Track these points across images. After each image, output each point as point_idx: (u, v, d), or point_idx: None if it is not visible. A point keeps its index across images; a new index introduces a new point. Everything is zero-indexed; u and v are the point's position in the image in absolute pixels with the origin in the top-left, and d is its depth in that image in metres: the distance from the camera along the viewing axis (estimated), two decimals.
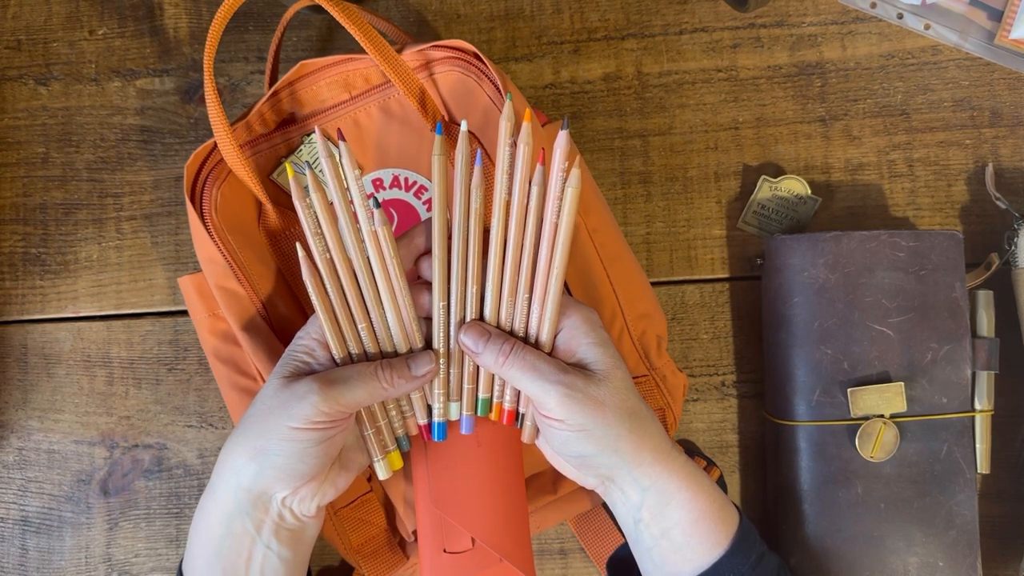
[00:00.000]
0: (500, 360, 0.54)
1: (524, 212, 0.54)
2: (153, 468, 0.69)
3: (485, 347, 0.54)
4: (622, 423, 0.53)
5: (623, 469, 0.53)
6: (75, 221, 0.70)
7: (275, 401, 0.52)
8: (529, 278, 0.55)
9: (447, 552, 0.58)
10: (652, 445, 0.54)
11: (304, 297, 0.62)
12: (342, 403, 0.52)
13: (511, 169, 0.54)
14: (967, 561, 0.63)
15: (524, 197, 0.54)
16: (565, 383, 0.52)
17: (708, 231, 0.70)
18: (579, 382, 0.53)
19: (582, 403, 0.52)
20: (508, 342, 0.54)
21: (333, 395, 0.52)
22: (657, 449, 0.54)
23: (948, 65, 0.70)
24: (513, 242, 0.55)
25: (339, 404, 0.52)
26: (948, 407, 0.64)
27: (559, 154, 0.53)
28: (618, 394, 0.53)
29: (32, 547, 0.69)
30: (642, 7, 0.71)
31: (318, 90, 0.61)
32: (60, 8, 0.71)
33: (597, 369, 0.54)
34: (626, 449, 0.53)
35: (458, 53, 0.61)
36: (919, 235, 0.64)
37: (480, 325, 0.55)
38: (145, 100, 0.71)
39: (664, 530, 0.54)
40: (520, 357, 0.54)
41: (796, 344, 0.64)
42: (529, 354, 0.54)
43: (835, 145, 0.70)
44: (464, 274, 0.55)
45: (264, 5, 0.71)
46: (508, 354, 0.54)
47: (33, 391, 0.70)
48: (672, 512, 0.54)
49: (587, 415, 0.52)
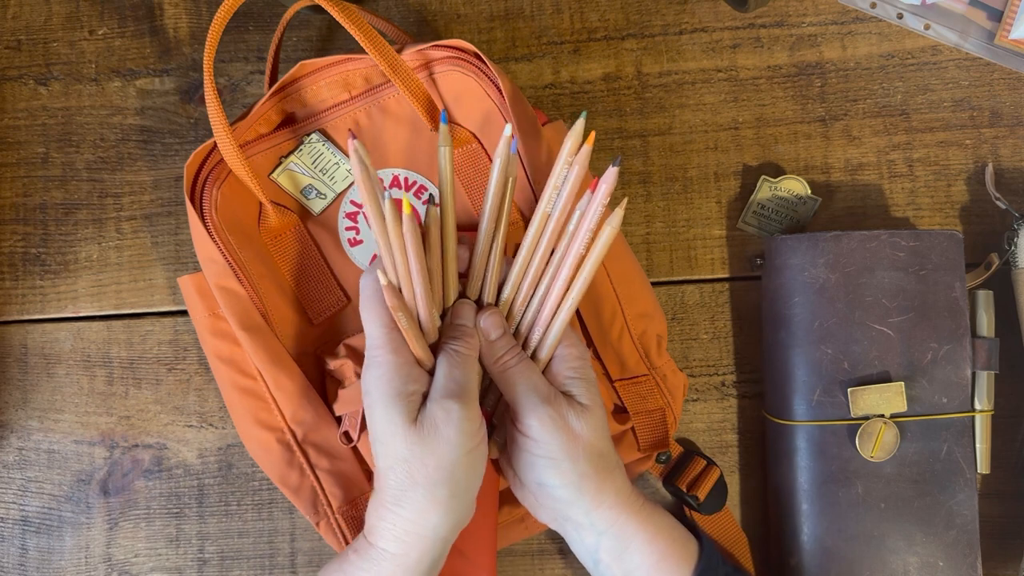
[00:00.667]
0: (507, 358, 0.54)
1: (560, 230, 0.55)
2: (153, 468, 0.69)
3: (501, 337, 0.54)
4: (590, 461, 0.53)
5: (580, 509, 0.54)
6: (75, 221, 0.70)
7: (426, 446, 0.51)
8: (544, 295, 0.56)
9: None
10: (614, 489, 0.54)
11: (304, 297, 0.62)
12: (475, 399, 0.53)
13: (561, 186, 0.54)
14: (967, 561, 0.63)
15: (564, 215, 0.55)
16: (553, 406, 0.53)
17: (708, 231, 0.70)
18: (565, 409, 0.53)
19: (561, 431, 0.52)
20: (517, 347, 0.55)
21: (467, 398, 0.52)
22: (618, 493, 0.54)
23: (948, 65, 0.70)
24: (540, 255, 0.55)
25: (475, 401, 0.53)
26: (948, 407, 0.64)
27: (603, 189, 0.53)
28: (594, 432, 0.54)
29: (32, 547, 0.69)
30: (642, 7, 0.71)
31: (318, 90, 0.61)
32: (60, 8, 0.71)
33: (581, 403, 0.54)
34: (587, 488, 0.53)
35: (458, 53, 0.61)
36: (919, 235, 0.64)
37: (500, 315, 0.56)
38: (145, 100, 0.71)
39: (626, 572, 0.55)
40: (526, 365, 0.54)
41: (796, 344, 0.64)
42: (532, 365, 0.55)
43: (835, 145, 0.70)
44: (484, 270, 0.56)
45: (264, 5, 0.71)
46: (517, 356, 0.54)
47: (33, 391, 0.70)
48: (632, 556, 0.54)
49: (561, 444, 0.52)
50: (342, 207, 0.62)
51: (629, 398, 0.64)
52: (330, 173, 0.62)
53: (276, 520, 0.69)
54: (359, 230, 0.63)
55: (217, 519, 0.69)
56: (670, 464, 0.67)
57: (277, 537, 0.69)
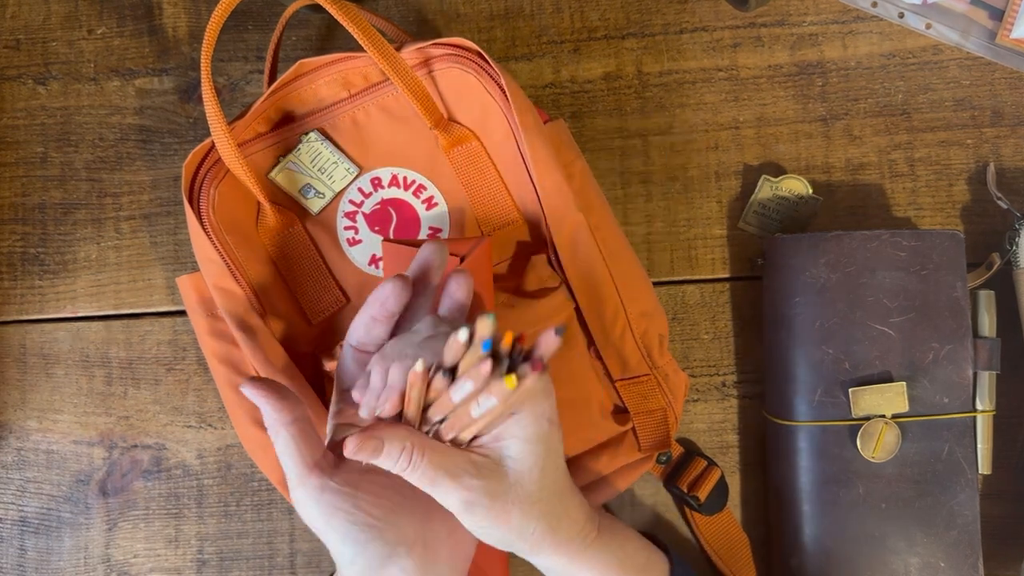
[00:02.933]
0: (402, 466, 0.47)
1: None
2: (152, 468, 0.69)
3: (383, 455, 0.47)
4: (524, 528, 0.49)
5: (530, 556, 0.52)
6: (74, 221, 0.70)
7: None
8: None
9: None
10: (554, 541, 0.51)
11: (302, 297, 0.62)
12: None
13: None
14: (968, 561, 0.63)
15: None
16: (465, 497, 0.48)
17: (709, 231, 0.70)
18: (479, 494, 0.48)
19: (482, 514, 0.48)
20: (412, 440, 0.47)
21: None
22: (566, 542, 0.51)
23: (949, 64, 0.70)
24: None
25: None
26: (949, 407, 0.63)
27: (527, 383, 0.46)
28: (527, 500, 0.49)
29: (31, 547, 0.69)
30: (642, 6, 0.71)
31: (317, 89, 0.61)
32: (59, 7, 0.71)
33: (511, 468, 0.48)
34: (529, 546, 0.50)
35: (458, 51, 0.60)
36: (920, 235, 0.64)
37: (362, 438, 0.46)
38: (144, 100, 0.71)
39: None
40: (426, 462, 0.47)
41: (797, 344, 0.64)
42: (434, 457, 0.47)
43: (836, 145, 0.70)
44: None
45: (263, 4, 0.71)
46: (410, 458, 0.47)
47: (32, 391, 0.70)
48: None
49: (489, 523, 0.49)
50: (341, 206, 0.62)
51: (630, 398, 0.63)
52: (329, 172, 0.62)
53: (275, 521, 0.68)
54: (358, 229, 0.62)
55: (216, 520, 0.69)
56: (671, 464, 0.67)
57: (276, 538, 0.68)
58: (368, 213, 0.62)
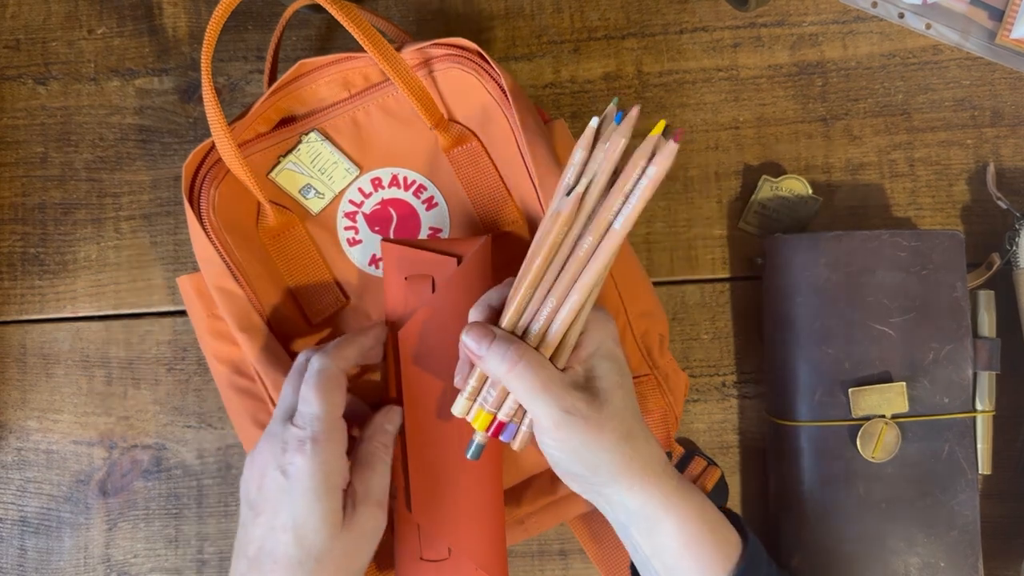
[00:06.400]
0: (504, 368, 0.50)
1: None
2: (152, 468, 0.69)
3: (488, 350, 0.51)
4: (615, 447, 0.51)
5: (611, 488, 0.52)
6: (74, 221, 0.70)
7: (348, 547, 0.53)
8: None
9: (423, 560, 0.57)
10: (642, 468, 0.52)
11: (302, 297, 0.62)
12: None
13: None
14: (968, 561, 0.63)
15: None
16: (566, 406, 0.50)
17: (709, 231, 0.70)
18: (581, 405, 0.50)
19: (580, 428, 0.50)
20: (515, 347, 0.50)
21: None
22: (647, 473, 0.52)
23: (949, 65, 0.70)
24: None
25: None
26: (949, 407, 0.63)
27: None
28: (616, 416, 0.51)
29: (31, 547, 0.69)
30: (642, 6, 0.71)
31: (317, 89, 0.61)
32: (59, 7, 0.71)
33: (601, 387, 0.51)
34: (615, 472, 0.52)
35: (458, 51, 0.60)
36: (920, 235, 0.64)
37: (484, 326, 0.51)
38: (144, 100, 0.71)
39: (655, 550, 0.53)
40: (526, 367, 0.50)
41: (797, 344, 0.64)
42: (535, 365, 0.50)
43: (836, 145, 0.70)
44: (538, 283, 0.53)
45: (263, 4, 0.71)
46: (515, 362, 0.50)
47: (32, 391, 0.70)
48: (660, 537, 0.53)
49: (582, 440, 0.50)
50: (341, 206, 0.62)
51: None
52: (329, 172, 0.62)
53: None
54: (358, 230, 0.62)
55: (216, 520, 0.69)
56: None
57: None
58: (368, 213, 0.62)
